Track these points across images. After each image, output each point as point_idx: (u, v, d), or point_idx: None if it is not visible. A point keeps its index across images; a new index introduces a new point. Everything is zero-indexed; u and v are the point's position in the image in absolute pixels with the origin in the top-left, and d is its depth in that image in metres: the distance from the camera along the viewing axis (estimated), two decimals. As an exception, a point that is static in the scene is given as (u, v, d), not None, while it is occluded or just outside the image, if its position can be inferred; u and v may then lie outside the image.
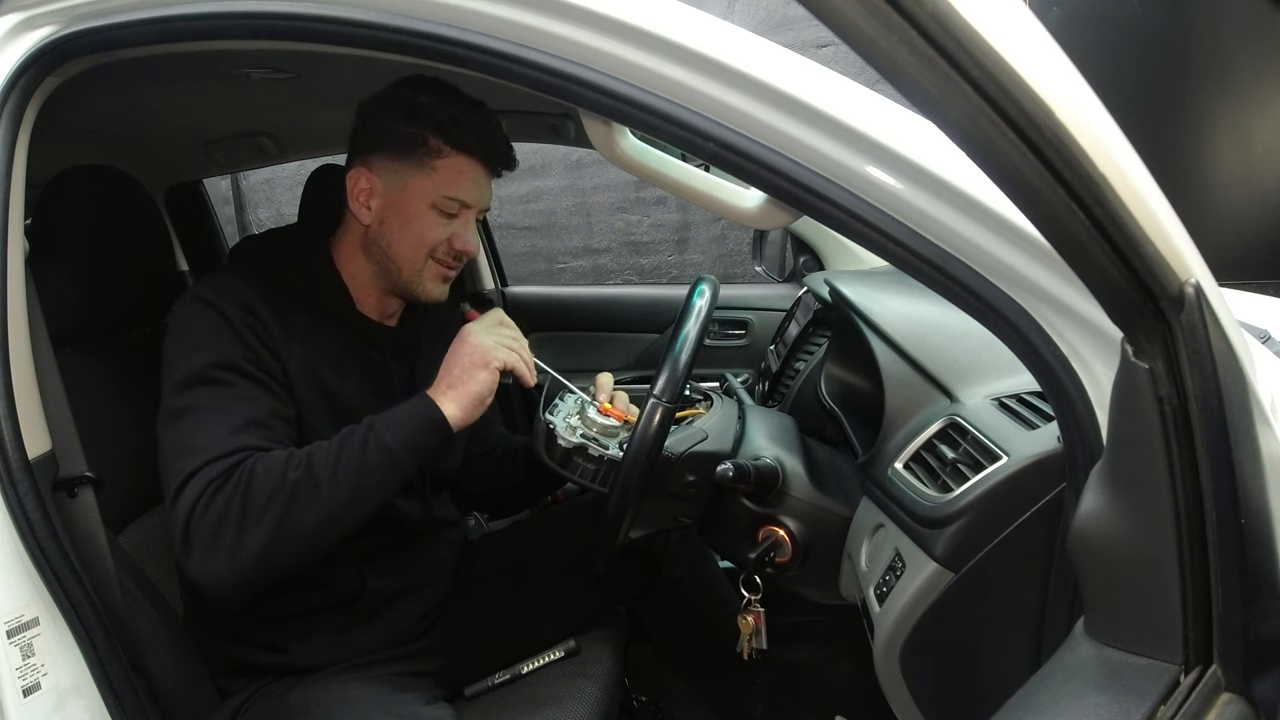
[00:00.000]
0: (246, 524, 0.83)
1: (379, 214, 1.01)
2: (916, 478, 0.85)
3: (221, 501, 0.83)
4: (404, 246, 1.01)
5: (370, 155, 1.01)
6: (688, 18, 0.65)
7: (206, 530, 0.83)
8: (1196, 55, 2.02)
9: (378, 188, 1.00)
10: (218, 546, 0.82)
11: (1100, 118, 0.46)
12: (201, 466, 0.85)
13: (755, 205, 0.87)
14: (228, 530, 0.82)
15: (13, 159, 0.78)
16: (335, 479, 0.86)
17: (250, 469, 0.85)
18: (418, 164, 0.98)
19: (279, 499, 0.83)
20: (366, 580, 1.03)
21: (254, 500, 0.83)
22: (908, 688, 0.83)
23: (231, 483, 0.84)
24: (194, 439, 0.87)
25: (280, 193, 3.95)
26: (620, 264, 3.82)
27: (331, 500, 0.85)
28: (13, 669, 0.73)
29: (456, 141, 0.98)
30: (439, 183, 0.98)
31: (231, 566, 0.83)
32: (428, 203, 0.99)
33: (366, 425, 0.90)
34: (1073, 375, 0.61)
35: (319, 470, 0.86)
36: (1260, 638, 0.52)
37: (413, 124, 0.97)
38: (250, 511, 0.83)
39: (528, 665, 1.11)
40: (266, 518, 0.83)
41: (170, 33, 0.75)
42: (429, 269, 1.03)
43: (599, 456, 0.95)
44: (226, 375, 0.90)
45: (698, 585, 1.34)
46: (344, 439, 0.89)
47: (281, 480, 0.84)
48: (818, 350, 1.42)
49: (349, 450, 0.88)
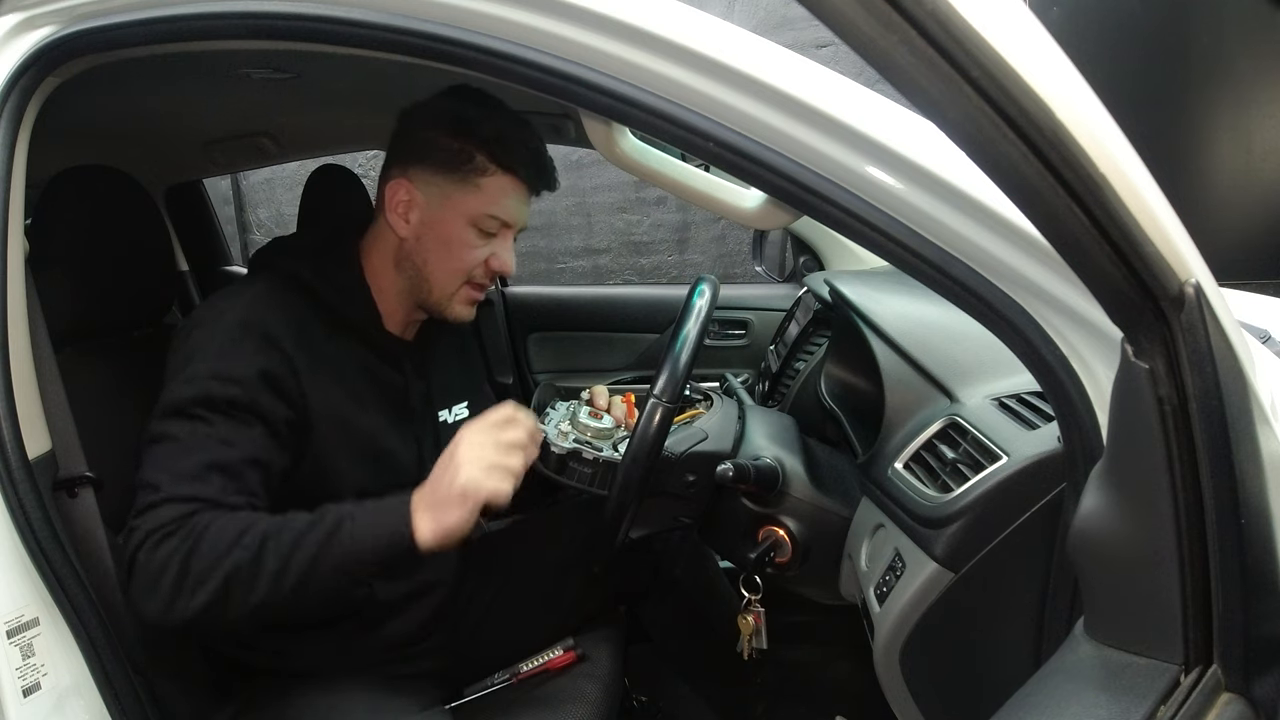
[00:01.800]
0: (184, 584, 0.79)
1: (416, 229, 0.98)
2: (916, 478, 0.85)
3: (164, 553, 0.79)
4: (439, 266, 0.99)
5: (411, 166, 0.97)
6: (688, 18, 0.65)
7: (149, 575, 0.79)
8: (1196, 55, 2.02)
9: (418, 200, 0.97)
10: (156, 593, 0.79)
11: (1100, 118, 0.46)
12: (157, 504, 0.81)
13: (755, 205, 0.87)
14: (166, 582, 0.79)
15: (13, 159, 0.78)
16: (283, 572, 0.81)
17: (202, 528, 0.80)
18: (462, 180, 0.95)
19: (220, 571, 0.79)
20: (374, 589, 1.02)
21: (196, 564, 0.79)
22: (907, 687, 0.83)
23: (178, 537, 0.80)
24: (156, 473, 0.83)
25: (280, 193, 3.95)
26: (620, 264, 3.82)
27: (272, 591, 0.80)
28: (13, 669, 0.73)
29: (503, 160, 0.95)
30: (483, 200, 0.96)
31: (165, 616, 0.79)
32: (468, 220, 0.96)
33: (334, 524, 0.83)
34: (1073, 375, 0.61)
35: (268, 558, 0.80)
36: (1260, 638, 0.52)
37: (459, 138, 0.94)
38: (190, 573, 0.79)
39: (527, 665, 1.11)
40: (206, 585, 0.79)
41: (170, 33, 0.75)
42: (462, 292, 1.01)
43: (594, 459, 0.95)
44: (206, 414, 0.85)
45: (698, 585, 1.34)
46: (303, 533, 0.82)
47: (227, 553, 0.79)
48: (818, 350, 1.42)
49: (305, 548, 0.82)
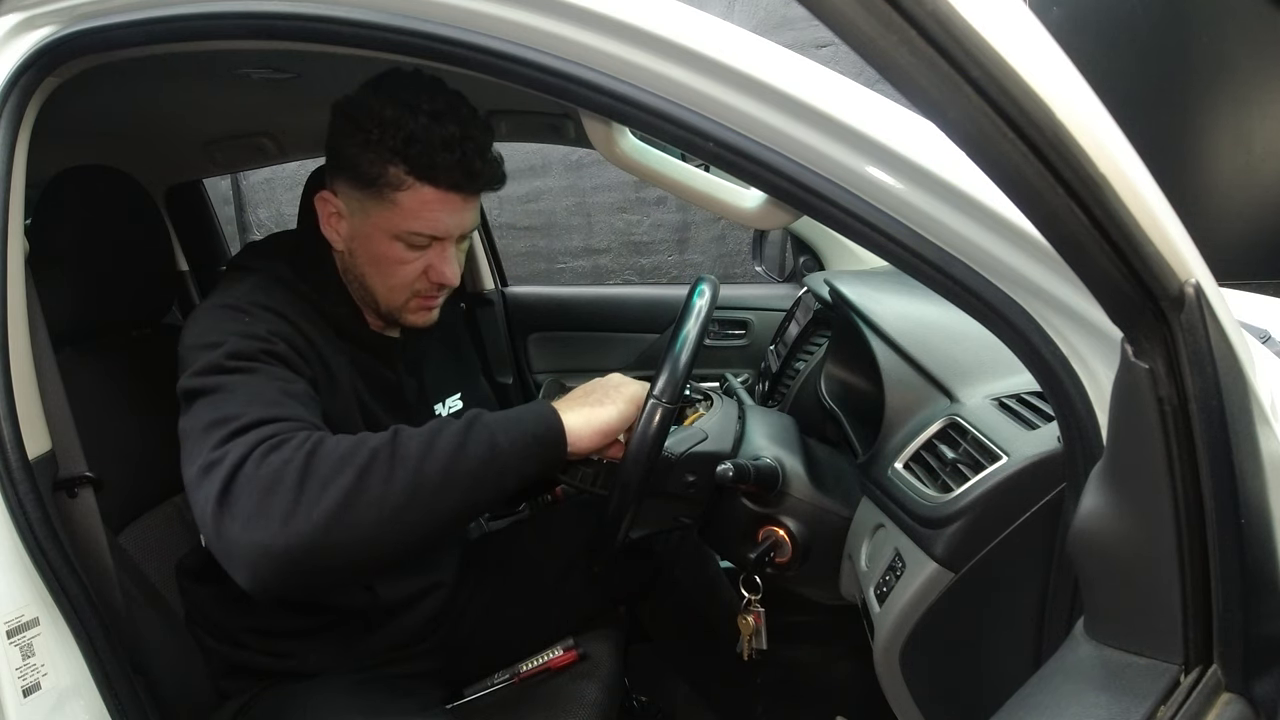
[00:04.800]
0: (309, 485, 0.67)
1: (348, 243, 0.93)
2: (916, 478, 0.85)
3: (279, 458, 0.68)
4: (377, 281, 0.93)
5: (335, 178, 0.92)
6: (688, 18, 0.65)
7: (258, 488, 0.67)
8: (1196, 55, 2.02)
9: (344, 213, 0.92)
10: (269, 509, 0.66)
11: (1100, 118, 0.46)
12: (246, 428, 0.71)
13: (755, 205, 0.87)
14: (285, 490, 0.67)
15: (13, 159, 0.78)
16: (426, 456, 0.71)
17: (318, 436, 0.71)
18: (377, 196, 0.88)
19: (354, 462, 0.69)
20: (378, 592, 1.02)
21: (321, 462, 0.68)
22: (908, 688, 0.83)
23: (293, 444, 0.70)
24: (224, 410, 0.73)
25: (280, 193, 3.95)
26: (620, 264, 3.82)
27: (419, 478, 0.70)
28: (13, 669, 0.73)
29: (419, 171, 0.86)
30: (401, 216, 0.88)
31: (282, 537, 0.66)
32: (391, 236, 0.89)
33: (471, 415, 0.77)
34: (1073, 375, 0.61)
35: (407, 444, 0.71)
36: (1260, 638, 0.52)
37: (370, 148, 0.86)
38: (315, 472, 0.68)
39: (527, 665, 1.11)
40: (337, 482, 0.68)
41: (170, 33, 0.75)
42: (411, 303, 0.95)
43: (597, 459, 0.95)
44: (246, 363, 0.79)
45: (698, 585, 1.34)
46: (440, 424, 0.75)
47: (358, 446, 0.70)
48: (818, 350, 1.42)
49: (447, 433, 0.73)
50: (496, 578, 1.18)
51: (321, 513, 0.66)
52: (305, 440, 0.70)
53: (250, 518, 0.67)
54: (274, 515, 0.66)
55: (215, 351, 0.79)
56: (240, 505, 0.67)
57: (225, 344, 0.80)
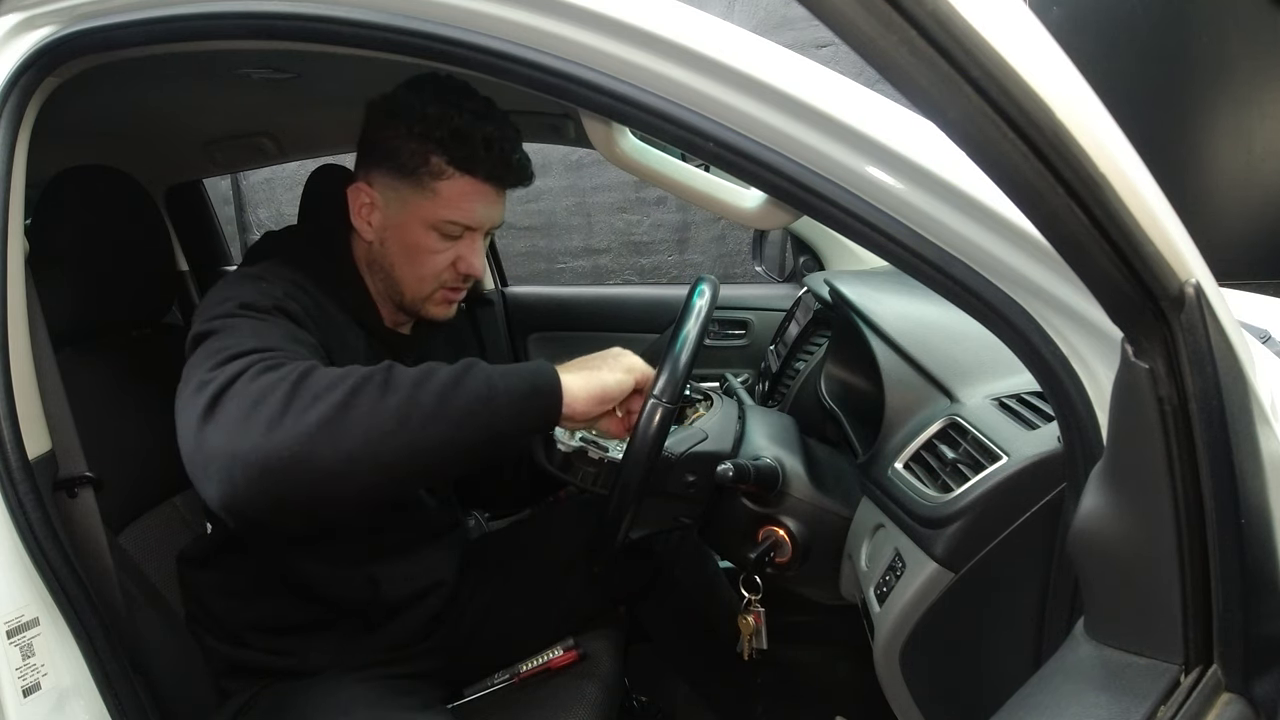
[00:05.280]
0: (298, 398, 0.66)
1: (379, 233, 0.97)
2: (916, 478, 0.85)
3: (272, 376, 0.68)
4: (407, 271, 0.97)
5: (371, 169, 0.96)
6: (688, 18, 0.65)
7: (247, 399, 0.66)
8: (1196, 55, 2.02)
9: (378, 204, 0.96)
10: (255, 417, 0.65)
11: (1100, 118, 0.46)
12: (247, 352, 0.71)
13: (755, 205, 0.87)
14: (273, 401, 0.66)
15: (13, 159, 0.78)
16: (421, 385, 0.70)
17: (314, 362, 0.71)
18: (418, 185, 0.92)
19: (347, 382, 0.68)
20: (380, 590, 1.02)
21: (315, 380, 0.68)
22: (907, 688, 0.83)
23: (288, 366, 0.70)
24: (230, 341, 0.74)
25: (280, 193, 3.96)
26: (620, 264, 3.82)
27: (409, 405, 0.69)
28: (13, 669, 0.73)
29: (461, 162, 0.91)
30: (441, 205, 0.92)
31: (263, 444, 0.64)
32: (427, 225, 0.93)
33: (468, 360, 0.76)
34: (1073, 375, 0.61)
35: (402, 373, 0.71)
36: (1260, 638, 0.52)
37: (414, 140, 0.91)
38: (306, 389, 0.67)
39: (527, 665, 1.11)
40: (327, 398, 0.67)
41: (170, 33, 0.75)
42: (436, 295, 0.99)
43: (599, 459, 0.95)
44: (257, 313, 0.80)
45: (698, 585, 1.34)
46: (436, 364, 0.74)
47: (352, 370, 0.70)
48: (818, 350, 1.42)
49: (443, 370, 0.73)
50: (497, 577, 1.18)
51: (307, 424, 0.65)
52: (301, 363, 0.70)
53: (234, 425, 0.65)
54: (258, 423, 0.65)
55: (228, 303, 0.80)
56: (226, 414, 0.66)
57: (239, 297, 0.81)
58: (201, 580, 1.03)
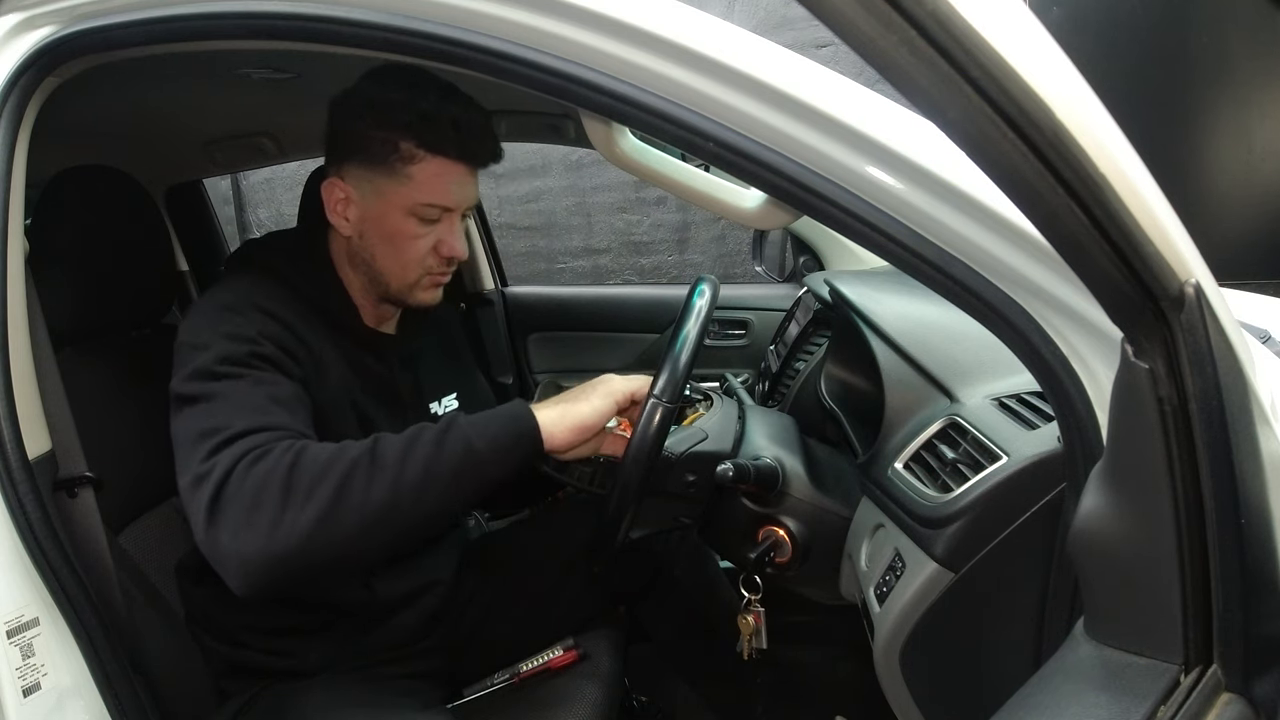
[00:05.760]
0: (293, 496, 0.71)
1: (358, 226, 0.96)
2: (916, 478, 0.85)
3: (263, 470, 0.72)
4: (390, 261, 0.96)
5: (343, 164, 0.95)
6: (688, 18, 0.65)
7: (244, 499, 0.71)
8: (1196, 55, 2.02)
9: (353, 197, 0.95)
10: (255, 520, 0.71)
11: (1100, 118, 0.46)
12: (233, 439, 0.75)
13: (755, 205, 0.87)
14: (269, 501, 0.71)
15: (13, 159, 0.78)
16: (404, 462, 0.75)
17: (300, 445, 0.75)
18: (391, 172, 0.92)
19: (335, 472, 0.73)
20: (376, 590, 1.02)
21: (303, 473, 0.72)
22: (908, 688, 0.83)
23: (275, 454, 0.73)
24: (214, 420, 0.77)
25: (280, 193, 3.95)
26: (620, 264, 3.82)
27: (397, 485, 0.73)
28: (13, 669, 0.73)
29: (431, 144, 0.91)
30: (416, 190, 0.92)
31: (268, 546, 0.71)
32: (405, 211, 0.93)
33: (449, 417, 0.80)
34: (1073, 375, 0.61)
35: (385, 451, 0.75)
36: (1260, 638, 0.52)
37: (382, 127, 0.90)
38: (298, 483, 0.72)
39: (527, 665, 1.11)
40: (318, 493, 0.71)
41: (170, 33, 0.75)
42: (423, 280, 0.98)
43: (597, 459, 0.95)
44: (234, 369, 0.82)
45: (698, 585, 1.34)
46: (417, 430, 0.79)
47: (339, 456, 0.74)
48: (818, 350, 1.42)
49: (424, 438, 0.77)
50: (496, 577, 1.18)
51: (305, 523, 0.71)
52: (288, 450, 0.74)
53: (238, 529, 0.71)
54: (260, 526, 0.71)
55: (205, 354, 0.82)
56: (228, 517, 0.72)
57: (214, 347, 0.83)
58: (199, 591, 1.03)
